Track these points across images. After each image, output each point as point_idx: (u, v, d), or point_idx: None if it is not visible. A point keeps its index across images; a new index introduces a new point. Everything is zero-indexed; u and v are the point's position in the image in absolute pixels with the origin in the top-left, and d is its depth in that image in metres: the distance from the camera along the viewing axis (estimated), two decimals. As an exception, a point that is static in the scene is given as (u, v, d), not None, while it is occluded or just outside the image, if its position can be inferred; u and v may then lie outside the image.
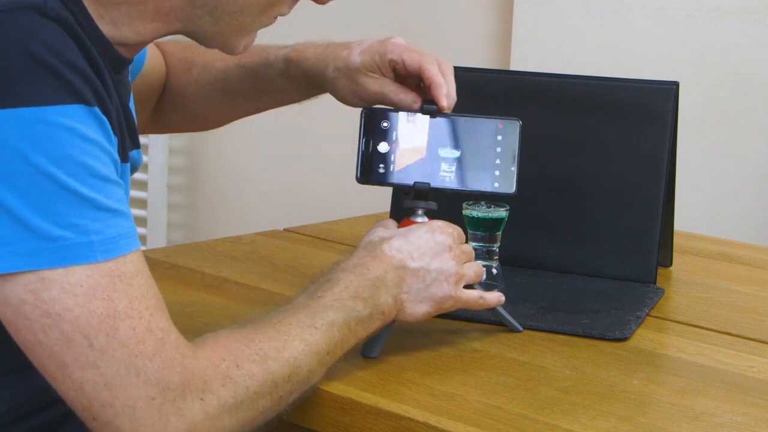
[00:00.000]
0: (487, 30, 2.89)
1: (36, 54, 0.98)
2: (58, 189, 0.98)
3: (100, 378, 0.99)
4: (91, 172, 1.00)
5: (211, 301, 1.43)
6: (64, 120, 0.99)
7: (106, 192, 1.01)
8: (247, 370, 1.05)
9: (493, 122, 1.29)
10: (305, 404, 1.15)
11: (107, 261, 1.00)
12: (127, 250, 1.01)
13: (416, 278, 1.21)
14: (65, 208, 0.98)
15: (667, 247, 1.64)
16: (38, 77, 0.98)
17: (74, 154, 0.99)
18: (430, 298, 1.21)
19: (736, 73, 2.55)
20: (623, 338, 1.32)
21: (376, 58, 1.35)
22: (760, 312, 1.49)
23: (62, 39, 1.01)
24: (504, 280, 1.44)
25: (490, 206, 1.43)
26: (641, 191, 1.55)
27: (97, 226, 0.99)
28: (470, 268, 1.26)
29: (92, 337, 0.98)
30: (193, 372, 1.01)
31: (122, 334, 0.99)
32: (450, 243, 1.24)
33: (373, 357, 1.22)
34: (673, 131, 1.55)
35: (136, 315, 1.00)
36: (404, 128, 1.31)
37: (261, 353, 1.06)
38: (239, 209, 3.23)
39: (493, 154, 1.29)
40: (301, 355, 1.09)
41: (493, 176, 1.29)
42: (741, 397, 1.17)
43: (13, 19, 0.99)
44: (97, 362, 0.98)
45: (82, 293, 0.98)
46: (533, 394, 1.15)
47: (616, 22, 2.64)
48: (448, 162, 1.30)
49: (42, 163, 0.97)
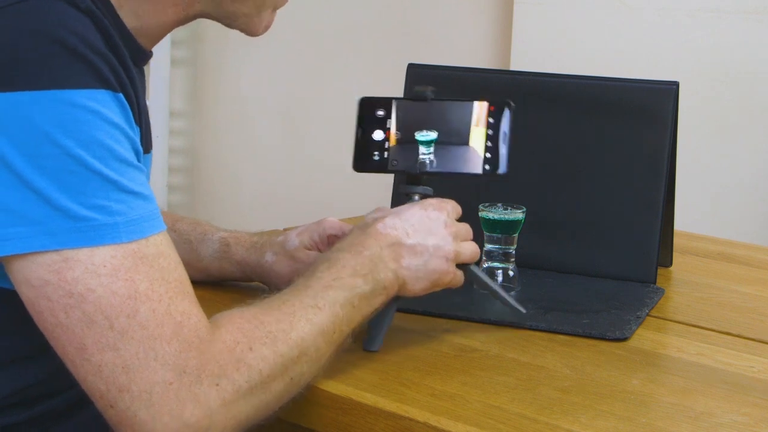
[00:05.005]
0: (487, 30, 2.89)
1: (65, 41, 1.00)
2: (85, 170, 0.99)
3: (119, 360, 0.99)
4: (115, 155, 1.01)
5: (211, 300, 1.43)
6: (90, 103, 1.00)
7: (128, 175, 1.02)
8: (259, 353, 1.05)
9: (485, 104, 1.30)
10: (305, 404, 1.15)
11: (131, 242, 1.01)
12: (150, 232, 1.02)
13: (414, 254, 1.21)
14: (92, 190, 0.99)
15: (667, 247, 1.64)
16: (66, 62, 1.00)
17: (99, 137, 1.00)
18: (428, 274, 1.22)
19: (736, 73, 2.55)
20: (623, 338, 1.32)
21: (314, 236, 1.38)
22: (760, 312, 1.49)
23: (90, 29, 1.03)
24: (521, 283, 1.45)
25: (507, 208, 1.43)
26: (641, 191, 1.55)
27: (121, 207, 1.01)
28: (467, 247, 1.26)
29: (113, 318, 0.99)
30: (209, 356, 1.02)
31: (142, 315, 0.99)
32: (444, 219, 1.24)
33: (374, 350, 1.23)
34: (673, 131, 1.55)
35: (156, 297, 1.00)
36: (398, 115, 1.31)
37: (271, 335, 1.07)
38: (239, 209, 3.24)
39: (485, 136, 1.29)
40: (308, 336, 1.10)
41: (484, 157, 1.29)
42: (741, 397, 1.17)
43: (44, 7, 1.02)
44: (117, 344, 0.99)
45: (106, 273, 0.99)
46: (533, 394, 1.15)
47: (617, 22, 2.65)
48: (440, 146, 1.30)
49: (69, 144, 0.99)
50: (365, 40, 3.00)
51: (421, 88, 1.32)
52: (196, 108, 3.32)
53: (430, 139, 1.30)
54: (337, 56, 3.02)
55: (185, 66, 3.30)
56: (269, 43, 3.19)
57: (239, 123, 3.20)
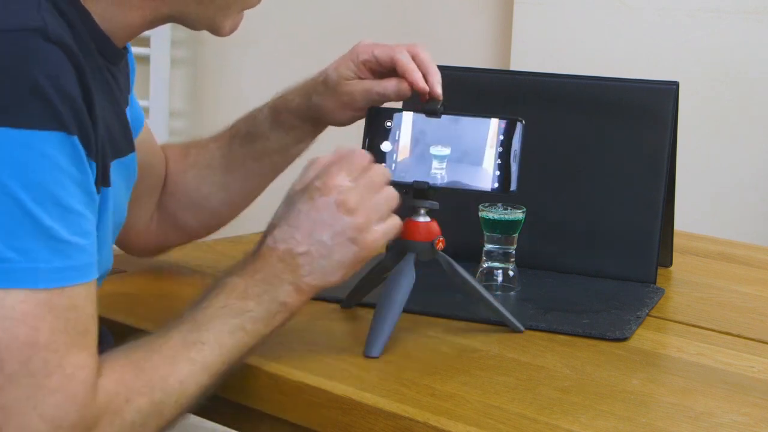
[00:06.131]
0: (487, 30, 2.89)
1: (37, 82, 1.00)
2: (21, 212, 0.99)
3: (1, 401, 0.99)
4: (57, 201, 1.01)
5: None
6: (43, 146, 1.00)
7: (67, 222, 1.02)
8: (135, 404, 1.05)
9: (495, 121, 1.29)
10: (305, 404, 1.15)
11: (46, 290, 1.00)
12: (72, 282, 1.02)
13: (311, 258, 1.16)
14: (22, 232, 0.99)
15: (667, 247, 1.64)
16: (29, 103, 0.99)
17: (45, 181, 1.00)
18: (337, 265, 1.17)
19: (736, 73, 2.55)
20: (623, 338, 1.32)
21: (350, 65, 1.37)
22: (760, 312, 1.49)
23: (62, 65, 1.02)
24: (521, 283, 1.45)
25: (507, 208, 1.43)
26: (641, 191, 1.55)
27: (47, 255, 1.00)
28: (374, 208, 1.18)
29: (5, 361, 0.99)
30: (88, 411, 1.02)
31: (34, 364, 1.00)
32: (334, 199, 1.16)
33: (375, 357, 1.22)
34: (673, 131, 1.55)
35: (53, 348, 1.00)
36: (407, 127, 1.31)
37: (149, 384, 1.07)
38: (239, 209, 3.23)
39: (495, 153, 1.29)
40: (189, 378, 1.09)
41: (494, 175, 1.29)
42: (741, 397, 1.17)
43: (18, 41, 1.01)
44: (3, 386, 0.99)
45: (12, 317, 0.99)
46: (533, 394, 1.15)
47: (617, 22, 2.65)
48: (449, 161, 1.29)
49: (12, 184, 0.98)
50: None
51: (432, 103, 1.32)
52: (196, 108, 3.32)
53: (443, 154, 1.29)
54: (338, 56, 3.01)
55: (185, 66, 3.30)
56: (269, 43, 3.19)
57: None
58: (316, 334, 1.28)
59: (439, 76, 1.33)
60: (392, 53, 1.34)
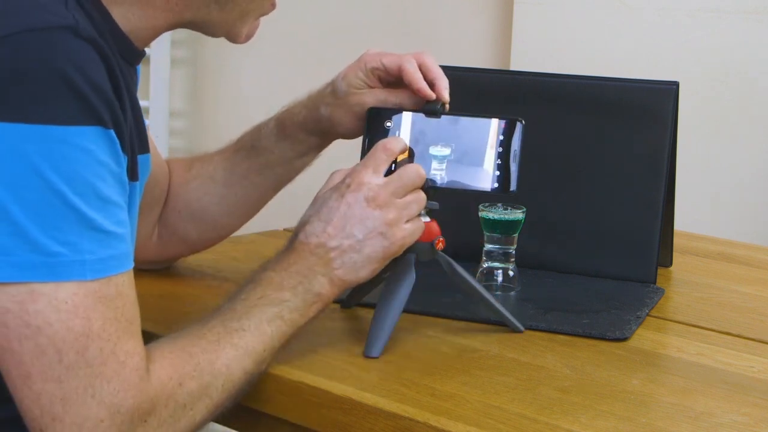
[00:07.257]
0: (487, 30, 2.89)
1: (68, 76, 1.02)
2: (64, 207, 1.01)
3: (59, 392, 1.02)
4: (97, 193, 1.03)
5: (210, 301, 1.43)
6: (81, 141, 1.02)
7: (107, 213, 1.04)
8: (187, 388, 1.09)
9: (495, 121, 1.29)
10: (306, 404, 1.15)
11: (94, 281, 1.03)
12: (115, 271, 1.05)
13: (343, 252, 1.20)
14: (67, 226, 1.01)
15: (667, 247, 1.64)
16: (62, 98, 1.01)
17: (85, 174, 1.02)
18: (368, 260, 1.21)
19: (736, 73, 2.55)
20: (623, 338, 1.32)
21: (359, 74, 1.38)
22: (760, 312, 1.49)
23: (93, 60, 1.05)
24: (521, 283, 1.44)
25: (507, 208, 1.43)
26: (641, 191, 1.55)
27: (92, 246, 1.03)
28: (404, 205, 1.22)
29: (64, 352, 1.02)
30: (144, 395, 1.05)
31: (90, 354, 1.02)
32: (365, 194, 1.21)
33: (375, 357, 1.22)
34: (673, 131, 1.55)
35: (105, 336, 1.03)
36: (407, 127, 1.31)
37: (198, 368, 1.10)
38: (239, 209, 3.23)
39: (495, 153, 1.29)
40: (233, 361, 1.12)
41: (494, 175, 1.29)
42: (741, 397, 1.17)
43: (49, 38, 1.03)
44: (61, 377, 1.02)
45: (66, 309, 1.01)
46: (533, 394, 1.15)
47: (617, 22, 2.64)
48: (449, 161, 1.29)
49: (54, 179, 1.01)
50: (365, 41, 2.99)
51: (432, 103, 1.32)
52: (196, 108, 3.32)
53: (443, 154, 1.29)
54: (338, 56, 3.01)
55: (185, 66, 3.30)
56: (269, 44, 3.19)
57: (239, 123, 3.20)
58: (316, 334, 1.28)
59: (446, 82, 1.34)
60: (400, 62, 1.35)
